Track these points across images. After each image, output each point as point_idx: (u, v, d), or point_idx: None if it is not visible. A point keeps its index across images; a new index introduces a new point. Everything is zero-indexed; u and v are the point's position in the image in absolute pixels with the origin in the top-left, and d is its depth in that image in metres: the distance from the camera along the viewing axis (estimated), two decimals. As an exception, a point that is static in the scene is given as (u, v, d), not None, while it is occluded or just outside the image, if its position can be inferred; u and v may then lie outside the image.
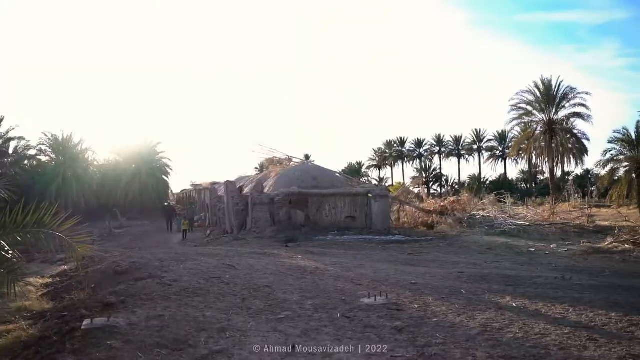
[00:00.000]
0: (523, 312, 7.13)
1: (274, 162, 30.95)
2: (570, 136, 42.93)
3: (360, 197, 23.36)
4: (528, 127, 45.26)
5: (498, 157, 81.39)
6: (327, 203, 23.08)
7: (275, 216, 22.31)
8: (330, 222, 22.82)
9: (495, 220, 22.85)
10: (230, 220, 24.50)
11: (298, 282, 9.28)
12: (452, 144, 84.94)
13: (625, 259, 13.87)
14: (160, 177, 50.74)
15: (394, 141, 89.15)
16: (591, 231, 21.48)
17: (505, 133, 73.94)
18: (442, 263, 13.11)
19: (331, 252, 15.67)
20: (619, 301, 7.93)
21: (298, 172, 25.77)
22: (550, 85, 42.97)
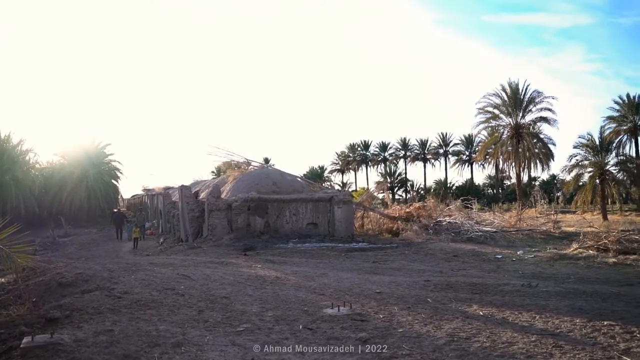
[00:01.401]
0: (490, 321, 7.30)
1: (231, 166, 30.68)
2: (537, 141, 44.26)
3: (323, 202, 23.43)
4: (495, 131, 46.43)
5: (465, 162, 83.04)
6: (288, 209, 23.05)
7: (233, 223, 22.14)
8: (291, 229, 22.80)
9: (461, 226, 23.27)
10: (185, 227, 24.17)
11: (257, 293, 9.24)
12: (418, 148, 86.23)
13: (590, 265, 14.36)
14: (109, 181, 49.61)
15: (357, 144, 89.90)
16: (557, 237, 22.15)
17: (472, 137, 75.68)
18: (407, 271, 13.27)
19: (292, 260, 15.65)
20: (583, 307, 8.23)
21: (257, 176, 25.66)
22: (517, 89, 44.25)
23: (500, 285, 10.47)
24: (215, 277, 10.95)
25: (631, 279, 11.78)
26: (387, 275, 12.51)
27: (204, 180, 36.64)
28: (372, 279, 11.46)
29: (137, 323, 6.74)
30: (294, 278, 11.31)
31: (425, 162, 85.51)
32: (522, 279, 11.73)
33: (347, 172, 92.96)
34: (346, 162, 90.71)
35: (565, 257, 15.77)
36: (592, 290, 9.87)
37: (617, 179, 42.42)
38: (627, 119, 55.50)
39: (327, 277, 11.59)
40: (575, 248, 16.79)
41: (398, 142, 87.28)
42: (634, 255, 15.12)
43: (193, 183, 34.80)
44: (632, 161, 46.56)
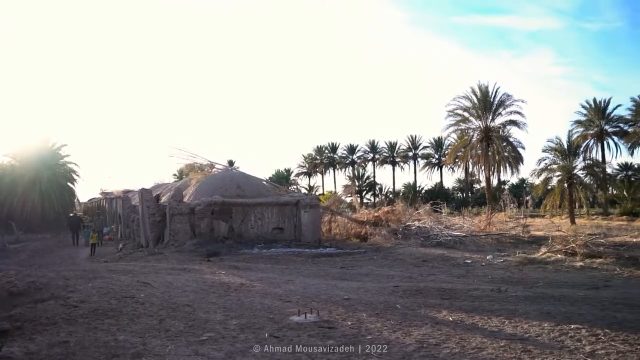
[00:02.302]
0: (460, 326, 7.42)
1: (194, 169, 30.44)
2: (507, 144, 45.12)
3: (289, 206, 23.41)
4: (465, 134, 47.12)
5: (434, 165, 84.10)
6: (253, 213, 22.95)
7: (196, 228, 21.93)
8: (256, 234, 22.71)
9: (431, 231, 23.55)
10: (146, 232, 23.84)
11: (221, 300, 9.19)
12: (387, 151, 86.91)
13: (558, 269, 14.73)
14: (64, 184, 48.52)
15: (325, 147, 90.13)
16: (526, 241, 22.65)
17: (441, 140, 76.71)
18: (376, 277, 13.37)
19: (257, 266, 15.60)
20: (551, 311, 8.44)
21: (221, 179, 25.49)
22: (487, 92, 45.03)
23: (470, 291, 10.64)
24: (177, 284, 10.85)
25: (597, 283, 12.15)
26: (355, 281, 12.58)
27: (166, 184, 36.26)
28: (340, 285, 11.51)
29: (94, 333, 6.63)
30: (260, 284, 11.28)
31: (394, 166, 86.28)
32: (491, 283, 11.95)
33: (314, 175, 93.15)
34: (313, 165, 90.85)
35: (534, 262, 16.14)
36: (560, 294, 10.13)
37: (585, 183, 43.54)
38: (593, 123, 57.21)
39: (293, 284, 11.60)
40: (544, 252, 17.20)
41: (366, 144, 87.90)
42: (600, 258, 15.58)
43: (154, 186, 34.40)
44: (599, 165, 47.90)
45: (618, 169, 77.32)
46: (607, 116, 57.14)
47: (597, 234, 22.22)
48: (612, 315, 8.06)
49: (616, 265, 14.70)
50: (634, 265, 14.72)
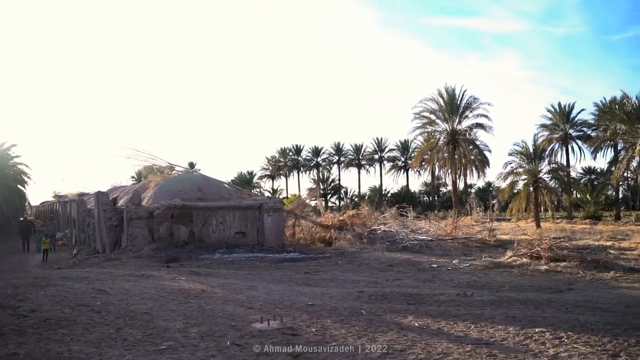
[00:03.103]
0: (425, 332, 7.53)
1: (153, 171, 30.05)
2: (473, 147, 45.89)
3: (252, 210, 23.33)
4: (431, 137, 47.72)
5: (400, 168, 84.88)
6: (215, 217, 22.80)
7: (155, 232, 21.66)
8: (217, 238, 22.56)
9: (396, 235, 23.76)
10: (102, 237, 23.41)
11: (181, 308, 9.11)
12: (352, 153, 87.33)
13: (523, 273, 15.08)
14: (14, 186, 47.34)
15: (289, 149, 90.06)
16: (492, 245, 23.09)
17: (407, 142, 77.52)
18: (341, 282, 13.43)
19: (219, 272, 15.51)
20: (517, 315, 8.65)
21: (181, 182, 25.23)
22: (454, 94, 45.71)
23: (436, 295, 10.79)
24: (135, 291, 10.71)
25: (561, 286, 12.50)
26: (320, 286, 12.62)
27: (123, 186, 35.67)
28: (304, 291, 11.53)
29: (46, 344, 6.49)
30: (221, 291, 11.23)
31: (360, 168, 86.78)
32: (457, 288, 12.15)
33: (278, 178, 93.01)
34: (277, 168, 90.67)
35: (500, 266, 16.47)
36: (525, 298, 10.38)
37: (550, 187, 44.63)
38: (558, 127, 58.74)
39: (256, 290, 11.57)
40: (510, 256, 17.57)
41: (331, 146, 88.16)
42: (564, 262, 16.01)
43: (111, 189, 33.80)
44: (563, 169, 49.20)
45: (582, 173, 79.62)
46: (572, 120, 58.77)
47: (562, 237, 22.80)
48: (575, 318, 8.31)
49: (579, 269, 15.15)
50: (596, 268, 15.19)
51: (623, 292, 11.83)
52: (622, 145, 37.25)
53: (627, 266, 15.48)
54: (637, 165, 33.28)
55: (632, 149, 33.20)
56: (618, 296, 11.07)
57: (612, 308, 9.40)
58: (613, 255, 18.17)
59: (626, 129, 33.99)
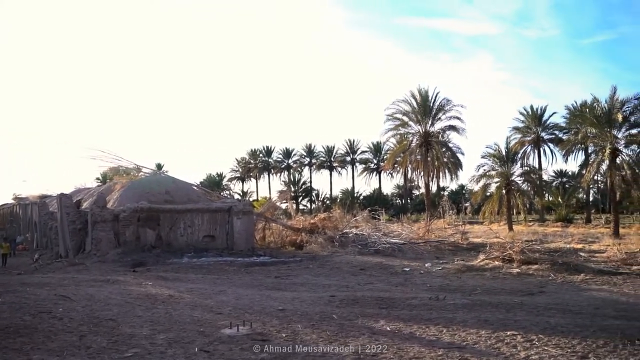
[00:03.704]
0: (397, 336, 7.58)
1: (119, 172, 29.73)
2: (446, 150, 46.30)
3: (221, 213, 23.21)
4: (404, 139, 48.00)
5: (373, 170, 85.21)
6: (183, 220, 22.63)
7: (121, 236, 21.41)
8: (186, 242, 22.39)
9: (369, 238, 23.89)
10: (65, 241, 23.04)
11: (148, 314, 9.02)
12: (324, 155, 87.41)
13: (495, 276, 15.30)
14: (-29, 189, 46.29)
15: (259, 150, 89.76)
16: (465, 248, 23.39)
17: (380, 144, 77.98)
18: (312, 286, 13.45)
19: (187, 276, 15.40)
20: (489, 318, 8.78)
21: (148, 184, 25.00)
22: (427, 96, 46.05)
23: (408, 299, 10.88)
24: (99, 297, 10.58)
25: (532, 289, 12.72)
26: (291, 291, 12.62)
27: (88, 188, 35.19)
28: (274, 296, 11.51)
29: (4, 354, 6.37)
30: (189, 296, 11.15)
31: (332, 170, 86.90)
32: (429, 292, 12.27)
33: (248, 180, 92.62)
34: (247, 170, 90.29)
35: (473, 269, 16.69)
36: (497, 301, 10.54)
37: (522, 190, 45.36)
38: (530, 130, 59.79)
39: (225, 294, 11.52)
40: (482, 259, 17.82)
41: (303, 148, 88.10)
42: (535, 265, 16.30)
43: (75, 191, 33.31)
44: (535, 172, 50.06)
45: (553, 176, 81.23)
46: (544, 123, 59.88)
47: (534, 240, 23.27)
48: (545, 321, 8.48)
49: (551, 271, 15.44)
50: (567, 270, 15.49)
51: (592, 294, 12.10)
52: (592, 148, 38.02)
53: (597, 268, 15.82)
54: (606, 169, 33.98)
55: (602, 152, 33.92)
56: (588, 298, 11.32)
57: (581, 310, 9.62)
58: (583, 257, 18.54)
59: (596, 132, 34.71)
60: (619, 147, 33.71)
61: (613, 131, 33.78)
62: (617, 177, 32.97)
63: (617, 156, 33.34)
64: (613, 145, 33.11)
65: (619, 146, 33.77)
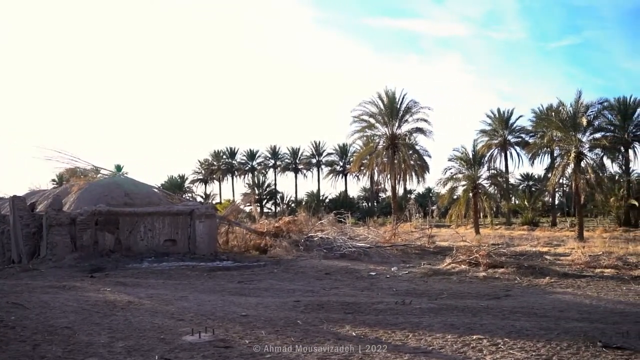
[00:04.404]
0: (363, 341, 7.64)
1: (76, 174, 29.15)
2: (413, 152, 46.85)
3: (183, 216, 23.02)
4: (370, 141, 48.41)
5: (339, 173, 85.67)
6: (143, 224, 22.36)
7: (78, 240, 21.04)
8: (146, 246, 22.13)
9: (334, 242, 23.96)
10: (18, 246, 22.53)
11: (106, 321, 8.90)
12: (289, 157, 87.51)
13: (462, 280, 15.55)
14: None
15: (223, 152, 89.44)
16: (431, 252, 23.68)
17: (346, 147, 78.53)
18: (276, 291, 13.44)
19: (147, 282, 15.23)
20: (455, 323, 8.92)
21: (107, 186, 24.61)
22: (394, 98, 46.54)
23: (374, 304, 10.96)
24: (55, 304, 10.39)
25: (498, 293, 12.96)
26: (254, 296, 12.59)
27: (43, 190, 34.37)
28: (238, 301, 11.48)
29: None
30: (149, 302, 11.03)
31: (297, 173, 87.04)
32: (396, 296, 12.38)
33: (211, 183, 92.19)
34: (210, 172, 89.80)
35: (439, 273, 16.91)
36: (464, 306, 10.71)
37: (489, 193, 46.18)
38: (497, 133, 60.95)
39: (186, 300, 11.43)
40: (449, 263, 18.07)
41: (267, 150, 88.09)
42: (502, 268, 16.60)
43: (28, 193, 32.50)
44: (502, 175, 51.06)
45: (520, 179, 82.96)
46: (510, 126, 61.11)
47: (500, 243, 23.71)
48: (511, 324, 8.65)
49: (516, 275, 15.74)
50: (532, 274, 15.83)
51: (557, 297, 12.40)
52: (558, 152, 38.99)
53: (562, 271, 16.21)
54: (571, 172, 34.86)
55: (567, 156, 34.78)
56: (552, 301, 11.59)
57: (546, 313, 9.85)
58: (549, 261, 18.96)
59: (562, 136, 35.58)
60: (584, 151, 34.62)
61: (578, 135, 34.69)
62: (581, 180, 33.84)
63: (581, 160, 34.23)
64: (578, 149, 33.98)
65: (584, 150, 34.70)
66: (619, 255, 18.92)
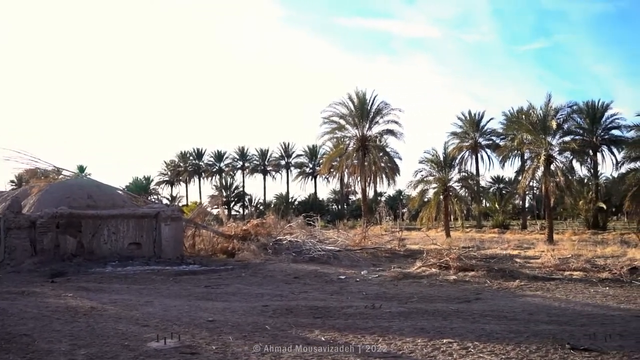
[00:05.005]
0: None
1: (37, 175, 28.64)
2: (383, 154, 47.11)
3: (148, 219, 22.78)
4: (340, 143, 48.53)
5: (308, 175, 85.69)
6: (107, 227, 22.06)
7: (38, 244, 20.66)
8: (110, 250, 21.84)
9: (303, 245, 23.96)
10: (-27, 250, 22.04)
11: (68, 327, 8.76)
12: (258, 159, 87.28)
13: (432, 283, 15.69)
14: None
15: (190, 153, 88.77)
16: (402, 255, 23.84)
17: (316, 148, 78.49)
18: (244, 296, 13.39)
19: (111, 287, 15.03)
20: (425, 326, 9.01)
21: (69, 188, 24.23)
22: (365, 99, 46.75)
23: (344, 308, 11.01)
24: (13, 310, 10.21)
25: (469, 296, 13.13)
26: (221, 300, 12.53)
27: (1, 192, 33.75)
28: (204, 306, 11.41)
29: None
30: (113, 308, 10.90)
31: (266, 175, 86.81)
32: (365, 300, 12.44)
33: (178, 184, 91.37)
34: (176, 173, 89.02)
35: (409, 276, 17.04)
36: (434, 309, 10.82)
37: (460, 196, 46.69)
38: (468, 135, 61.75)
39: (152, 306, 11.33)
40: (419, 266, 18.23)
41: (235, 151, 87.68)
42: (472, 272, 16.83)
43: (-16, 195, 31.89)
44: (473, 178, 51.72)
45: (491, 182, 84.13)
46: (481, 129, 61.98)
47: (471, 246, 24.03)
48: (481, 328, 8.78)
49: (487, 278, 15.97)
50: (502, 277, 16.07)
51: (527, 300, 12.62)
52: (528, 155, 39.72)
53: (532, 274, 16.50)
54: (541, 175, 35.50)
55: (537, 158, 35.41)
56: (522, 304, 11.79)
57: (516, 316, 10.02)
58: (518, 264, 19.29)
59: (532, 139, 36.22)
60: (553, 154, 35.32)
61: (548, 138, 35.36)
62: (551, 183, 34.51)
63: (551, 163, 34.92)
64: (548, 152, 34.64)
65: (554, 153, 35.40)
66: (588, 258, 19.34)
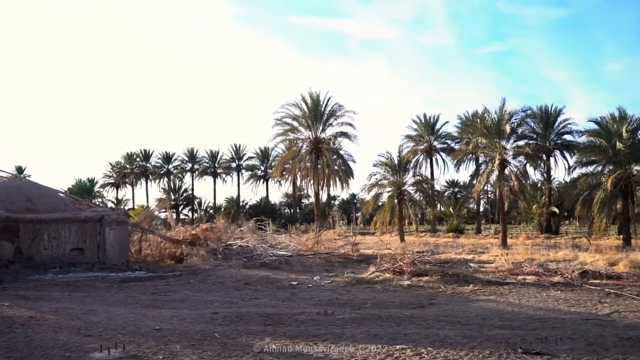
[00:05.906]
0: (283, 354, 7.69)
1: (-30, 177, 27.77)
2: (337, 157, 47.39)
3: (91, 223, 22.36)
4: (293, 145, 48.60)
5: (260, 178, 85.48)
6: (47, 231, 21.56)
7: (-29, 250, 20.06)
8: (50, 256, 21.34)
9: (254, 250, 23.92)
10: None
11: (4, 339, 8.54)
12: (208, 161, 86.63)
13: (386, 289, 15.86)
14: None
15: (136, 154, 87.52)
16: (355, 260, 24.04)
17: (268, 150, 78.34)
18: (192, 303, 13.29)
19: (52, 295, 14.68)
20: (378, 333, 9.12)
21: (6, 190, 23.58)
22: (319, 101, 46.95)
23: (295, 315, 11.03)
24: (-58, 321, 9.86)
25: (423, 301, 13.32)
26: (169, 308, 12.40)
27: None
28: (151, 314, 11.28)
29: None
30: (53, 317, 10.66)
31: (216, 177, 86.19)
32: (318, 306, 12.49)
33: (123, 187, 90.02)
34: (122, 175, 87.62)
35: (363, 282, 17.18)
36: (388, 315, 10.95)
37: (414, 200, 47.33)
38: (423, 139, 62.65)
39: (95, 314, 11.13)
40: (373, 272, 18.38)
41: (185, 153, 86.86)
42: (426, 277, 17.08)
43: None
44: (428, 182, 52.48)
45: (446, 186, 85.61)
46: (436, 132, 62.98)
47: (425, 251, 24.38)
48: (435, 333, 8.94)
49: (441, 283, 16.25)
50: (456, 282, 16.40)
51: (480, 304, 12.89)
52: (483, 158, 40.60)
53: (485, 279, 16.87)
54: (496, 179, 36.29)
55: (492, 162, 36.21)
56: (476, 309, 12.05)
57: (469, 321, 10.23)
58: (473, 268, 19.67)
59: (486, 143, 37.01)
60: (508, 158, 36.16)
61: (502, 142, 36.19)
62: (505, 187, 35.32)
63: (505, 167, 35.74)
64: (502, 156, 35.45)
65: (508, 157, 36.23)
66: (540, 262, 19.84)
